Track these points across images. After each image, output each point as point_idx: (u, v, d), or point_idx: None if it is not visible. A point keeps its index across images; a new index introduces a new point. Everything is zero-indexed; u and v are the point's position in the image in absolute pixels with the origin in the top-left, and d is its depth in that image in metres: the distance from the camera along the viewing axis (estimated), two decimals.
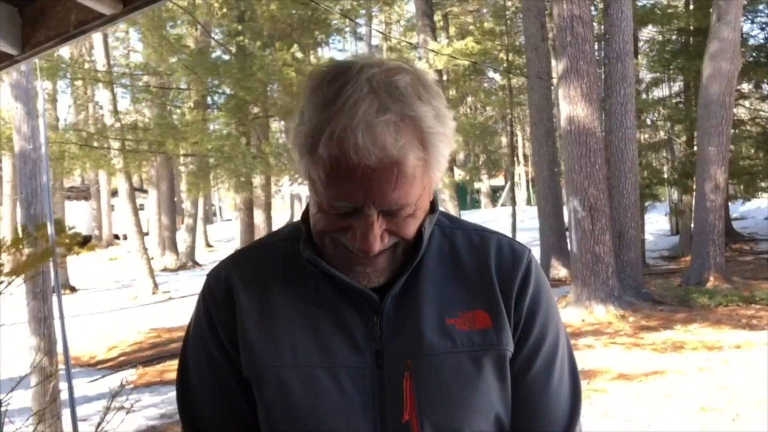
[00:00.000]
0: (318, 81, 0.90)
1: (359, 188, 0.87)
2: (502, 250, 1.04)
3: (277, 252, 1.05)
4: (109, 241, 29.99)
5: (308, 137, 0.89)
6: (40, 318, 5.72)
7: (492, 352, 0.98)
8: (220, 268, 1.07)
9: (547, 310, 1.04)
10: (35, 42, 2.34)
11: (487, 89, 22.61)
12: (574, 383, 1.07)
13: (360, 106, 0.84)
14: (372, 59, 0.92)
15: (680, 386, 6.56)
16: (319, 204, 0.93)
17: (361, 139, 0.83)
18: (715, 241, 11.58)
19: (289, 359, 0.97)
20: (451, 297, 1.00)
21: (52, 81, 14.93)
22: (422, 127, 0.87)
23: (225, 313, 1.01)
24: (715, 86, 11.55)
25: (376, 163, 0.85)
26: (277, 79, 11.77)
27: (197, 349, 1.05)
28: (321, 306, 0.99)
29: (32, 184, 5.95)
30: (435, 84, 0.93)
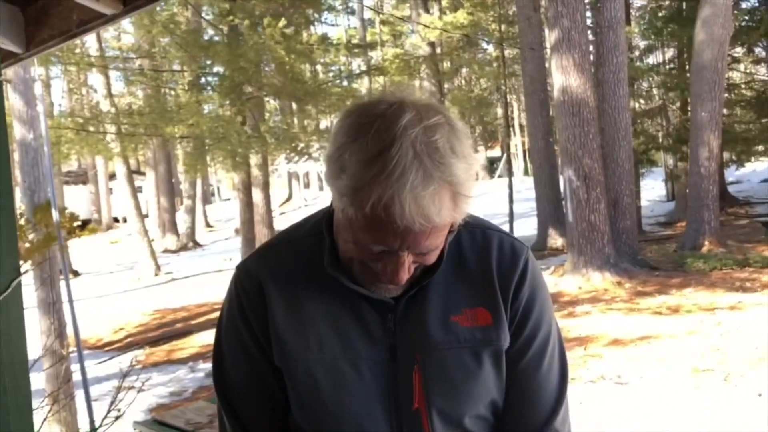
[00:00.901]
0: (359, 128, 0.94)
1: (396, 239, 0.95)
2: (502, 248, 1.14)
3: (302, 248, 1.13)
4: (109, 225, 30.10)
5: (353, 191, 0.93)
6: (49, 303, 5.87)
7: (491, 347, 1.09)
8: (250, 264, 1.15)
9: (542, 306, 1.15)
10: (39, 40, 2.42)
11: (480, 60, 22.53)
12: (562, 371, 1.19)
13: (408, 176, 0.89)
14: (412, 103, 0.96)
15: (674, 349, 6.73)
16: (352, 238, 0.99)
17: (408, 210, 0.90)
18: (709, 206, 11.72)
19: (315, 352, 1.08)
20: (456, 295, 1.10)
21: (45, 68, 14.91)
22: (458, 191, 0.94)
23: (257, 308, 1.11)
24: (708, 52, 11.59)
25: (418, 227, 0.92)
26: (269, 59, 11.77)
27: (231, 339, 1.15)
28: (342, 303, 1.09)
29: (34, 172, 6.06)
30: (463, 128, 0.99)
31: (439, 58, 17.82)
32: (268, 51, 11.35)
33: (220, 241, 23.46)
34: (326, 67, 17.92)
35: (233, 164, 12.65)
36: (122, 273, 18.20)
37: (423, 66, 16.46)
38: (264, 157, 13.67)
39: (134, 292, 15.04)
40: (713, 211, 11.77)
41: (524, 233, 16.09)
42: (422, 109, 0.95)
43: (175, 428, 4.19)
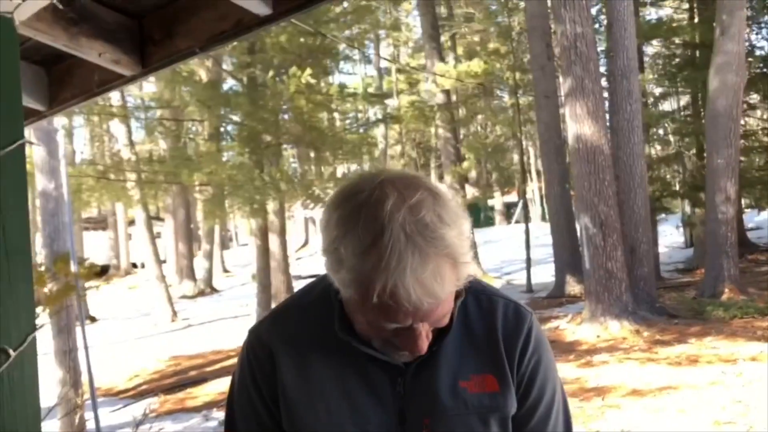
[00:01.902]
0: (348, 221, 0.97)
1: (408, 317, 0.97)
2: (507, 314, 1.16)
3: (312, 313, 1.15)
4: (127, 270, 30.31)
5: (355, 283, 0.96)
6: (65, 351, 5.91)
7: (498, 413, 1.12)
8: (262, 329, 1.19)
9: (546, 370, 1.18)
10: (62, 99, 2.52)
11: (495, 107, 22.77)
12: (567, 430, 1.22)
13: (405, 261, 0.92)
14: (388, 187, 0.98)
15: (694, 400, 6.59)
16: (365, 320, 1.02)
17: (413, 293, 0.92)
18: (728, 253, 11.59)
19: (324, 418, 1.10)
20: (464, 360, 1.13)
21: (68, 117, 15.29)
22: (456, 260, 0.97)
23: (267, 374, 1.13)
24: (722, 99, 11.64)
25: (427, 306, 0.96)
26: (289, 108, 11.99)
27: (242, 404, 1.17)
28: (352, 368, 1.11)
29: (54, 222, 6.18)
30: (445, 193, 1.02)
31: (454, 106, 18.04)
32: (288, 101, 11.58)
33: (237, 287, 23.50)
34: (343, 115, 18.21)
35: (251, 211, 12.77)
36: (139, 319, 18.26)
37: (438, 113, 16.66)
38: (281, 203, 13.80)
39: (150, 338, 15.06)
40: (732, 257, 11.64)
41: (541, 280, 15.99)
42: (403, 188, 0.97)
43: None
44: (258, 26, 1.78)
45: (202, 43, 1.89)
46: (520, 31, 19.29)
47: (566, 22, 10.57)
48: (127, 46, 2.08)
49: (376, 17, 15.96)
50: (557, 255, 14.39)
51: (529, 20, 14.84)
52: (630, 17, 11.52)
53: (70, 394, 5.70)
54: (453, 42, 24.79)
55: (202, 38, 1.89)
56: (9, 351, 1.88)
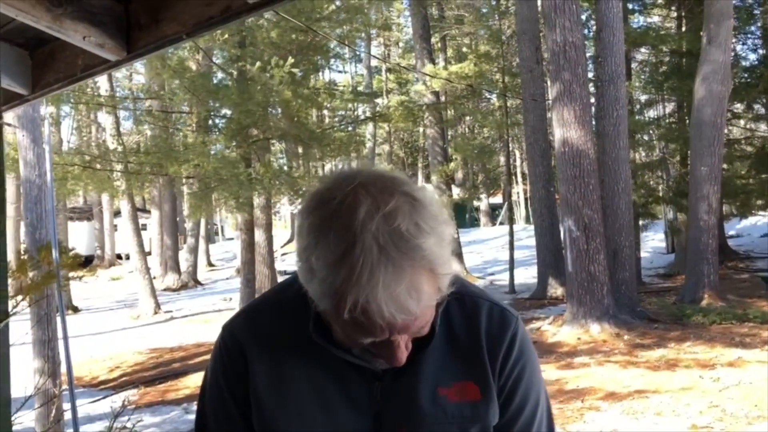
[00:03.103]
0: (318, 230, 0.92)
1: (384, 331, 0.92)
2: (491, 318, 1.11)
3: (288, 311, 1.09)
4: (111, 261, 30.12)
5: (326, 296, 0.91)
6: (44, 340, 5.87)
7: (479, 424, 1.07)
8: (235, 325, 1.14)
9: (530, 376, 1.13)
10: (44, 83, 2.50)
11: (483, 110, 22.86)
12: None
13: (378, 275, 0.86)
14: (362, 192, 0.92)
15: (672, 404, 6.65)
16: (341, 330, 0.96)
17: (386, 310, 0.87)
18: (709, 260, 11.71)
19: (294, 420, 1.05)
20: (444, 367, 1.07)
21: (56, 106, 15.17)
22: (434, 269, 0.90)
23: (239, 371, 1.09)
24: (707, 108, 11.75)
25: (401, 322, 0.90)
26: (277, 102, 11.97)
27: (214, 398, 1.14)
28: (327, 370, 1.06)
29: (37, 209, 6.13)
30: (425, 196, 0.95)
31: (443, 107, 18.08)
32: (275, 94, 11.55)
33: (221, 281, 23.43)
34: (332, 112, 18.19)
35: (237, 205, 12.74)
36: (122, 310, 18.15)
37: (426, 113, 16.70)
38: (267, 198, 13.77)
39: (133, 330, 14.97)
40: (713, 264, 11.76)
41: (524, 281, 16.08)
42: (377, 193, 0.91)
43: None
44: (247, 13, 1.77)
45: (189, 28, 1.88)
46: (510, 35, 19.36)
47: (556, 27, 10.63)
48: (112, 30, 2.06)
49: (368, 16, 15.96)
50: (540, 257, 14.47)
51: (519, 24, 14.90)
52: (619, 24, 11.61)
53: (48, 384, 5.66)
54: (443, 44, 24.86)
55: (189, 24, 1.87)
56: None
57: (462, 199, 21.75)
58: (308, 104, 13.39)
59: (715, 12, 11.72)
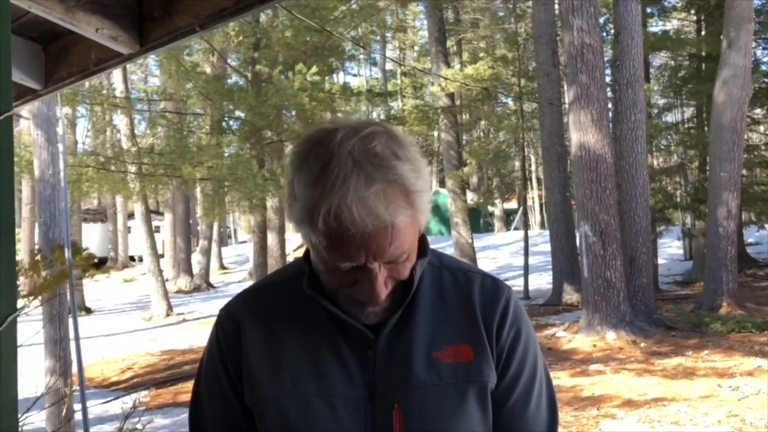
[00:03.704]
0: (302, 157, 0.98)
1: (360, 250, 0.95)
2: (484, 287, 1.13)
3: (284, 290, 1.13)
4: (124, 263, 30.26)
5: (305, 212, 0.96)
6: (56, 340, 5.85)
7: (475, 384, 1.07)
8: (231, 306, 1.16)
9: (527, 343, 1.13)
10: (57, 78, 2.46)
11: (499, 114, 22.77)
12: (551, 410, 1.16)
13: (350, 182, 0.91)
14: (347, 124, 0.99)
15: (689, 413, 6.54)
16: (324, 264, 1.01)
17: (356, 213, 0.91)
18: (728, 267, 11.54)
19: (288, 390, 1.06)
20: (438, 332, 1.08)
21: (71, 107, 15.25)
22: (406, 186, 0.95)
23: (233, 348, 1.11)
24: (727, 112, 11.60)
25: (372, 229, 0.93)
26: (292, 105, 11.95)
27: (209, 379, 1.15)
28: (321, 339, 1.07)
29: (51, 209, 6.12)
30: (405, 136, 1.01)
31: (458, 110, 17.99)
32: (291, 98, 11.53)
33: (233, 284, 23.45)
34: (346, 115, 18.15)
35: (250, 206, 12.73)
36: (134, 312, 18.21)
37: (441, 117, 16.62)
38: (281, 201, 13.76)
39: (145, 331, 15.00)
40: (732, 272, 11.59)
41: (539, 287, 15.95)
42: (358, 125, 0.98)
43: None
44: (261, 3, 1.72)
45: (202, 20, 1.83)
46: (526, 38, 19.26)
47: (574, 30, 10.54)
48: (125, 23, 2.02)
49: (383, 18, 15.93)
50: (555, 263, 14.33)
51: (536, 27, 14.80)
52: (638, 27, 11.49)
53: (58, 383, 5.64)
54: (459, 47, 24.77)
55: (202, 15, 1.83)
56: None
57: (476, 204, 21.63)
58: (322, 107, 13.38)
59: (735, 16, 11.57)
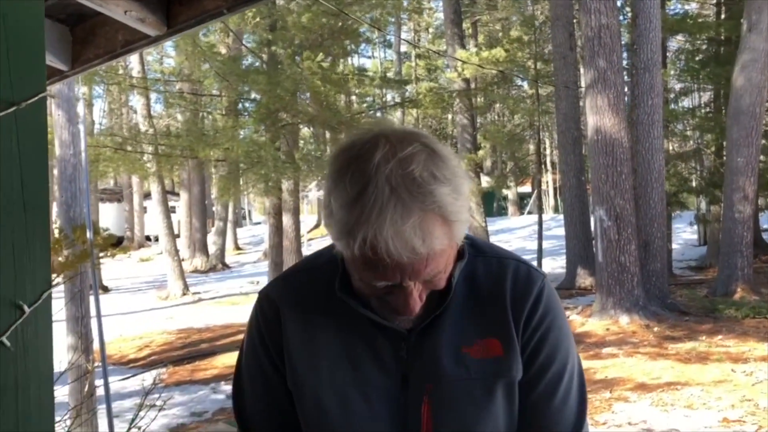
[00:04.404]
0: (338, 175, 0.96)
1: (395, 273, 0.94)
2: (518, 276, 1.11)
3: (321, 275, 1.13)
4: (140, 243, 30.52)
5: (342, 236, 0.95)
6: (78, 317, 5.96)
7: (503, 380, 1.08)
8: (271, 290, 1.19)
9: (558, 335, 1.11)
10: (84, 59, 2.50)
11: (515, 97, 22.62)
12: (580, 405, 1.14)
13: (386, 213, 0.89)
14: (387, 135, 0.96)
15: (703, 397, 6.56)
16: (358, 276, 1.00)
17: (392, 246, 0.90)
18: (743, 253, 11.49)
19: (326, 378, 1.09)
20: (468, 325, 1.08)
21: (88, 87, 15.35)
22: (445, 215, 0.92)
23: (274, 331, 1.14)
24: (746, 97, 11.48)
25: (407, 260, 0.92)
26: (306, 88, 11.97)
27: (250, 362, 1.18)
28: (356, 331, 1.09)
29: (71, 188, 6.20)
30: (446, 151, 0.98)
31: (473, 93, 17.91)
32: (304, 81, 11.55)
33: (248, 264, 23.62)
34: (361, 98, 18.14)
35: (266, 189, 12.80)
36: (150, 291, 18.41)
37: (456, 100, 16.56)
38: (296, 183, 13.82)
39: (161, 310, 15.18)
40: (747, 257, 11.53)
41: (552, 271, 15.94)
42: (396, 142, 0.94)
43: None
44: None
45: (230, 3, 1.86)
46: (543, 20, 19.08)
47: (591, 13, 10.45)
48: (153, 5, 2.05)
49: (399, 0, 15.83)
50: (569, 247, 14.32)
51: (553, 9, 14.67)
52: (656, 10, 11.36)
53: (80, 360, 5.75)
54: (474, 29, 24.59)
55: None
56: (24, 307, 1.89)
57: (490, 188, 21.56)
58: (337, 90, 13.38)
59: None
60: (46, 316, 1.98)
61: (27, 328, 1.90)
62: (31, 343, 1.92)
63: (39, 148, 2.00)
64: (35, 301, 1.96)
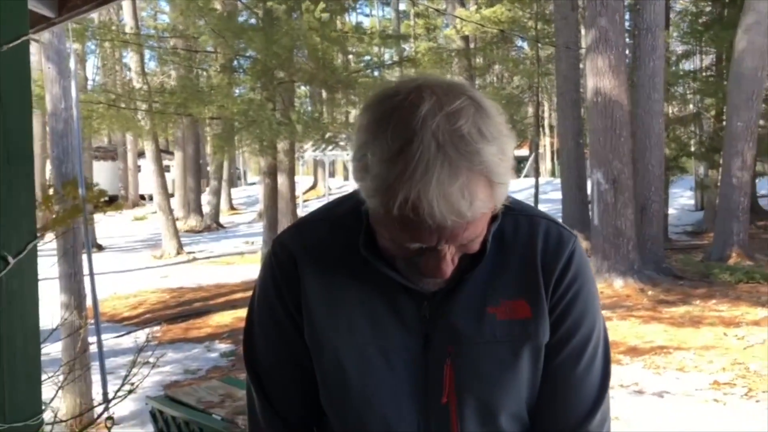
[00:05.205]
0: (378, 125, 0.89)
1: (432, 236, 0.89)
2: (548, 237, 1.06)
3: (341, 227, 1.07)
4: (134, 202, 30.44)
5: (377, 191, 0.89)
6: (70, 274, 5.92)
7: (530, 343, 1.03)
8: (286, 238, 1.12)
9: (586, 300, 1.07)
10: (72, 5, 2.40)
11: (514, 58, 22.35)
12: (604, 372, 1.10)
13: (432, 172, 0.84)
14: (432, 87, 0.90)
15: (695, 360, 6.62)
16: (389, 235, 0.94)
17: (437, 209, 0.84)
18: (739, 218, 11.49)
19: (345, 335, 1.04)
20: (495, 285, 1.03)
21: (81, 43, 15.07)
22: (491, 178, 0.87)
23: (291, 282, 1.07)
24: (748, 60, 11.35)
25: (451, 224, 0.87)
26: (303, 45, 11.75)
27: (263, 313, 1.12)
28: (377, 287, 1.04)
29: (63, 143, 6.10)
30: (492, 106, 0.92)
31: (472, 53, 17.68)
32: (302, 38, 11.32)
33: (242, 224, 23.61)
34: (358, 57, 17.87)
35: (261, 148, 12.66)
36: (145, 250, 18.39)
37: (455, 60, 16.35)
38: (291, 143, 13.67)
39: (155, 269, 15.19)
40: (743, 223, 11.54)
41: None
42: (442, 94, 0.88)
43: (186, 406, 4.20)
44: None
45: None
46: None
47: None
48: None
49: None
50: (566, 210, 14.30)
51: None
52: None
53: (73, 316, 5.73)
54: None
55: None
56: (8, 258, 1.82)
57: None
58: (335, 47, 13.15)
59: None
60: (31, 268, 1.92)
61: (11, 281, 1.85)
62: (17, 296, 1.87)
63: (22, 96, 1.91)
64: (20, 252, 1.89)
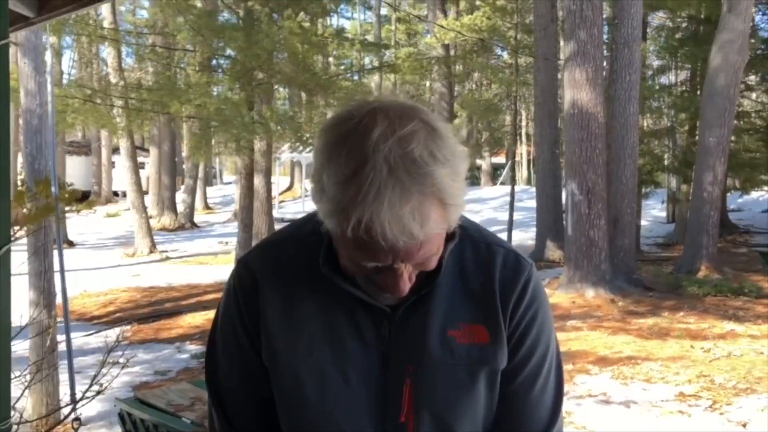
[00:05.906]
0: (332, 148, 0.91)
1: (387, 255, 0.91)
2: (506, 264, 1.09)
3: (304, 247, 1.08)
4: (107, 198, 30.04)
5: (334, 215, 0.91)
6: (40, 272, 5.83)
7: (487, 366, 1.06)
8: (249, 258, 1.13)
9: (541, 325, 1.11)
10: (51, 6, 2.39)
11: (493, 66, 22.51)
12: (557, 393, 1.14)
13: (384, 195, 0.85)
14: (386, 110, 0.92)
15: (661, 371, 6.72)
16: (347, 255, 0.96)
17: (389, 231, 0.86)
18: (709, 232, 11.69)
19: (304, 355, 1.05)
20: (455, 308, 1.06)
21: (58, 37, 14.86)
22: (444, 199, 0.89)
23: (251, 304, 1.08)
24: (721, 77, 11.56)
25: (403, 245, 0.88)
26: (283, 48, 11.72)
27: (225, 333, 1.13)
28: (338, 307, 1.05)
29: (37, 139, 6.02)
30: (444, 128, 0.94)
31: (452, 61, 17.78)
32: (283, 41, 11.30)
33: (217, 224, 23.44)
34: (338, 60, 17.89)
35: (237, 148, 12.59)
36: (116, 248, 18.17)
37: (435, 67, 16.42)
38: (268, 144, 13.62)
39: (127, 267, 15.02)
40: (712, 236, 11.75)
41: (522, 243, 16.08)
42: (395, 117, 0.90)
43: (156, 408, 4.17)
44: None
45: None
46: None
47: None
48: None
49: None
50: (540, 219, 14.44)
51: None
52: None
53: (42, 315, 5.65)
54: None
55: None
56: None
57: None
58: (315, 51, 13.13)
59: None
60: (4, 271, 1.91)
61: None
62: None
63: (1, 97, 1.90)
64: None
